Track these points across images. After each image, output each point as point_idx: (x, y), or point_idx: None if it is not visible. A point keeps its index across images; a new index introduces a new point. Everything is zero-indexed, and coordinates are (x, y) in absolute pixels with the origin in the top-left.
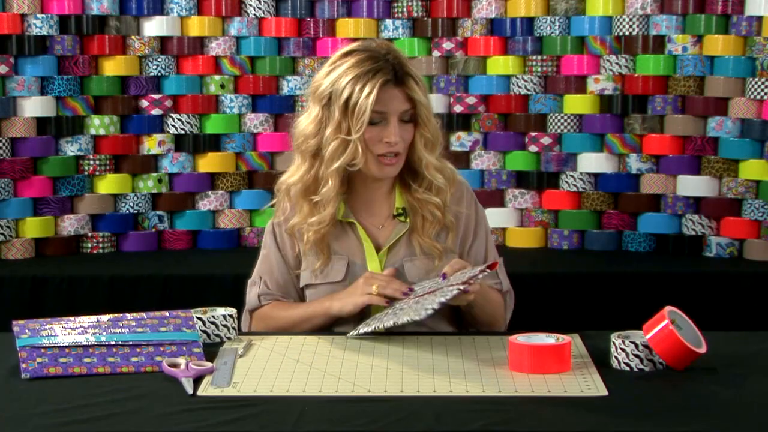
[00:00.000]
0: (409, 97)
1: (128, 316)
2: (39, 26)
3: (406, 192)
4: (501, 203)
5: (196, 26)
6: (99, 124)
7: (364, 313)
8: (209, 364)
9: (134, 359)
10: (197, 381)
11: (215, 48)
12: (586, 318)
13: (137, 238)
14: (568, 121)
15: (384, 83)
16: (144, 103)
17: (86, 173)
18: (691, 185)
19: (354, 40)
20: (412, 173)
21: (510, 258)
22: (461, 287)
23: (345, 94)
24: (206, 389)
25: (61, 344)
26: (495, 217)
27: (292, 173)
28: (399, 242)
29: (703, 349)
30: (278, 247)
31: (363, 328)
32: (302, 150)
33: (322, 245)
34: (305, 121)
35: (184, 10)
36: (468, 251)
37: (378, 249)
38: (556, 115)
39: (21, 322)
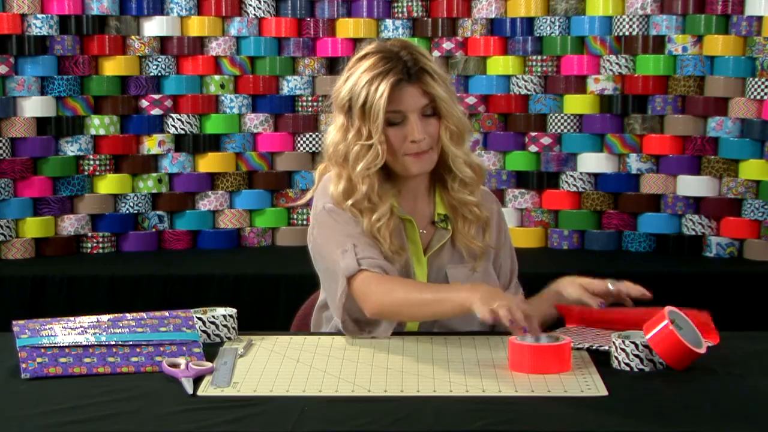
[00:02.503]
0: (426, 92)
1: (128, 316)
2: (39, 26)
3: (444, 191)
4: (501, 203)
5: (196, 26)
6: (99, 124)
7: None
8: (209, 364)
9: (134, 359)
10: (197, 381)
11: (215, 48)
12: None
13: (137, 238)
14: (568, 121)
15: (396, 82)
16: (144, 103)
17: (86, 173)
18: (691, 185)
19: (354, 40)
20: (446, 169)
21: None
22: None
23: (361, 98)
24: (206, 389)
25: (61, 344)
26: None
27: (335, 183)
28: (442, 249)
29: (703, 349)
30: (352, 219)
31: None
32: (334, 159)
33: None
34: (332, 130)
35: (184, 10)
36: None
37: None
38: (556, 115)
39: (21, 322)
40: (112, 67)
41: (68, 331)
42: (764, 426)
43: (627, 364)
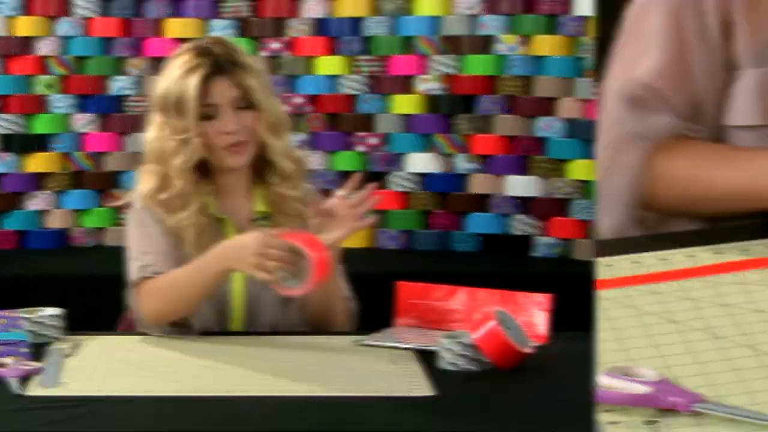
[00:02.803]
0: (238, 84)
1: None
2: None
3: (264, 187)
4: None
5: (24, 26)
6: None
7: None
8: (37, 364)
9: None
10: (24, 381)
11: (43, 48)
12: None
13: None
14: (396, 121)
15: (206, 76)
16: None
17: None
18: (519, 185)
19: (182, 40)
20: (266, 163)
21: None
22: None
23: (174, 94)
24: (34, 389)
25: None
26: None
27: (146, 181)
28: None
29: (529, 349)
30: (153, 220)
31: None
32: (151, 156)
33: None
34: (150, 129)
35: (10, 10)
36: None
37: None
38: (384, 115)
39: None
40: None
41: None
42: (566, 424)
43: (454, 364)
